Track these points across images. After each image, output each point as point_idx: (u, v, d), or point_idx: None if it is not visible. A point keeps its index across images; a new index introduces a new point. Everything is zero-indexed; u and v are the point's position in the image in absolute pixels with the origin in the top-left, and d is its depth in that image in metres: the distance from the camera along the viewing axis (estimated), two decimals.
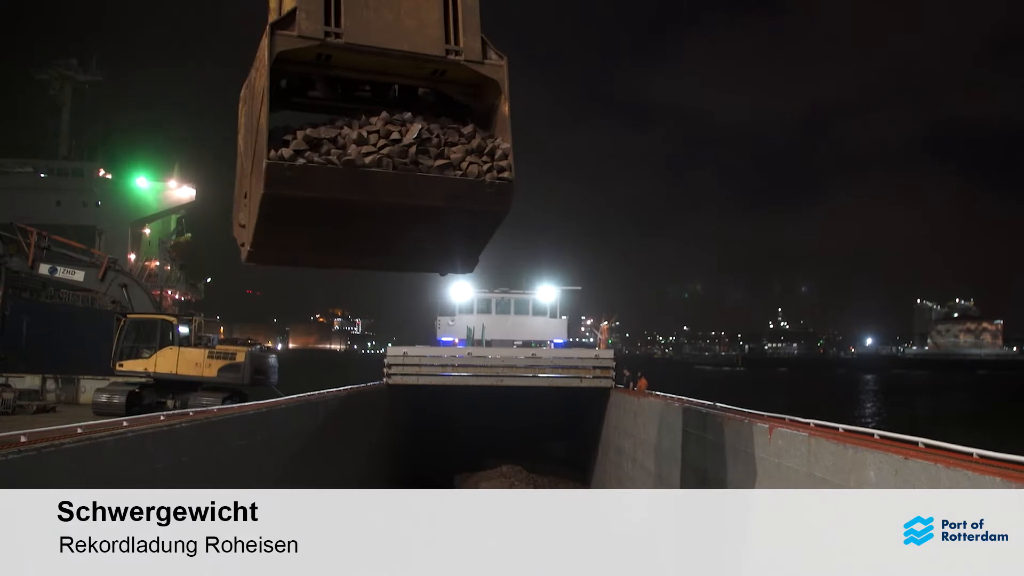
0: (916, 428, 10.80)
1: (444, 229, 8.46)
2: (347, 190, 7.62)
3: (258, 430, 15.82)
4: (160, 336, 25.40)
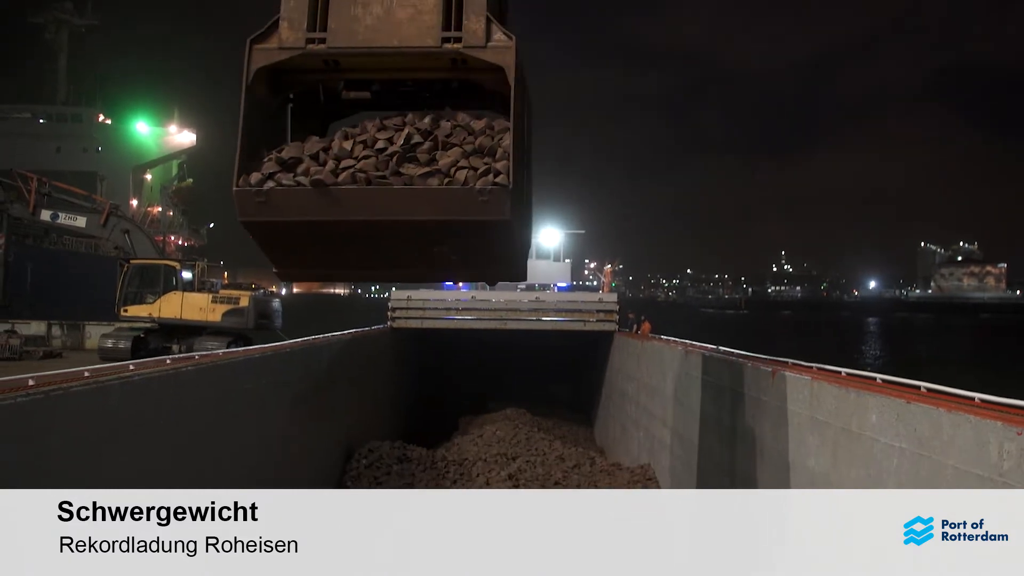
0: (919, 372, 10.83)
1: (453, 241, 7.73)
2: (320, 211, 7.18)
3: (263, 374, 15.92)
4: (164, 281, 25.45)
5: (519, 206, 7.53)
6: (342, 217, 7.17)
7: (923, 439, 8.12)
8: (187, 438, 11.86)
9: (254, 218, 7.24)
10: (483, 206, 7.06)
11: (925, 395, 8.76)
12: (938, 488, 7.74)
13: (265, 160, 7.26)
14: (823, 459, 10.58)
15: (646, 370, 24.92)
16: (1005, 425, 6.86)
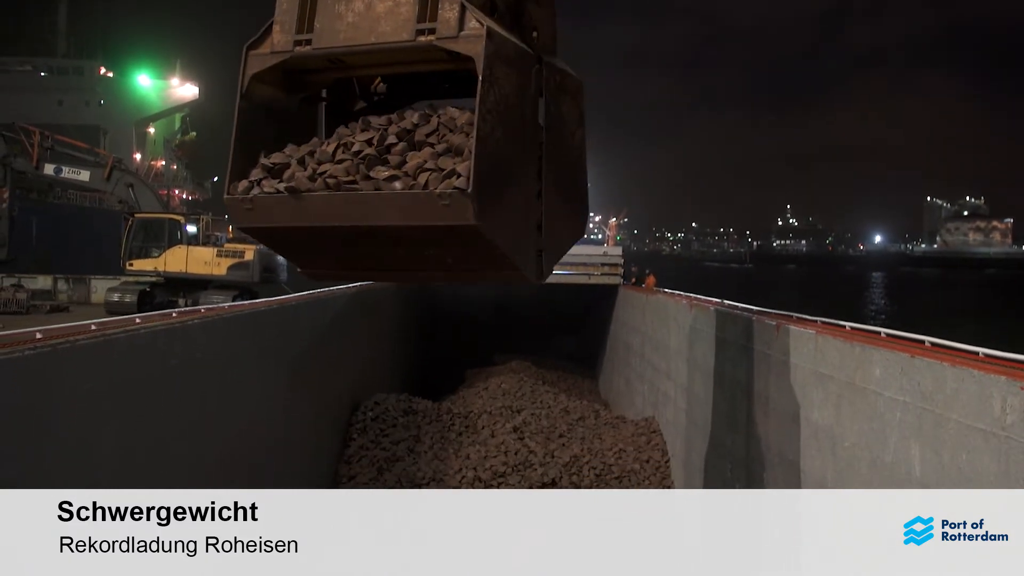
0: (923, 326, 10.82)
1: (433, 246, 7.58)
2: (298, 218, 7.15)
3: (269, 327, 15.98)
4: (168, 235, 25.48)
5: (503, 207, 7.33)
6: (317, 223, 7.17)
7: (926, 393, 8.14)
8: (194, 391, 11.95)
9: (244, 224, 7.38)
10: (445, 210, 6.84)
11: (929, 349, 8.77)
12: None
13: (255, 166, 7.32)
14: (826, 412, 10.63)
15: (651, 324, 24.97)
16: (1009, 380, 6.87)
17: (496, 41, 7.14)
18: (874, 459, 9.16)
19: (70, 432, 8.62)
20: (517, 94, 7.52)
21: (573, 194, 8.78)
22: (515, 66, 7.46)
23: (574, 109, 8.56)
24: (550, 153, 8.13)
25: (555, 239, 8.50)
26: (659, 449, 21.68)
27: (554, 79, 8.14)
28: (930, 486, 7.89)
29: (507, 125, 7.41)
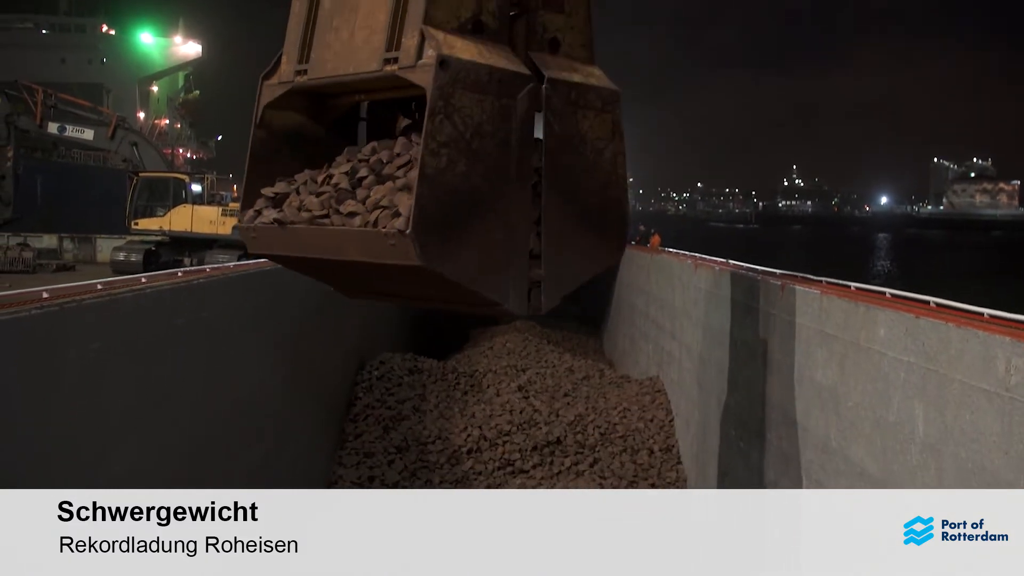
0: (928, 287, 10.81)
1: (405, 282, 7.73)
2: (288, 247, 7.43)
3: (275, 286, 16.02)
4: (173, 194, 25.50)
5: (464, 243, 7.26)
6: (300, 254, 7.44)
7: (931, 353, 8.15)
8: (200, 349, 12.01)
9: (252, 251, 7.67)
10: (392, 250, 6.86)
11: (934, 310, 8.76)
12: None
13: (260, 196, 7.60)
14: (830, 372, 10.66)
15: (655, 283, 24.97)
16: (1014, 341, 6.87)
17: (453, 69, 7.06)
18: (877, 419, 9.20)
19: (77, 391, 8.69)
20: (495, 119, 7.39)
21: (599, 218, 8.29)
22: (490, 91, 7.34)
23: (601, 124, 8.20)
24: (555, 176, 7.85)
25: (564, 268, 8.14)
26: (663, 408, 21.80)
27: (566, 95, 7.84)
28: (933, 446, 7.94)
29: (476, 155, 7.31)
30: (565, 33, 8.09)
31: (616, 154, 8.31)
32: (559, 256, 8.04)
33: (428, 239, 6.97)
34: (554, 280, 8.07)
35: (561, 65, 8.02)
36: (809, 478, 11.15)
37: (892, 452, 8.80)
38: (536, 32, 7.96)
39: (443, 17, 7.28)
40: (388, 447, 19.87)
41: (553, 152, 7.84)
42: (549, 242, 7.90)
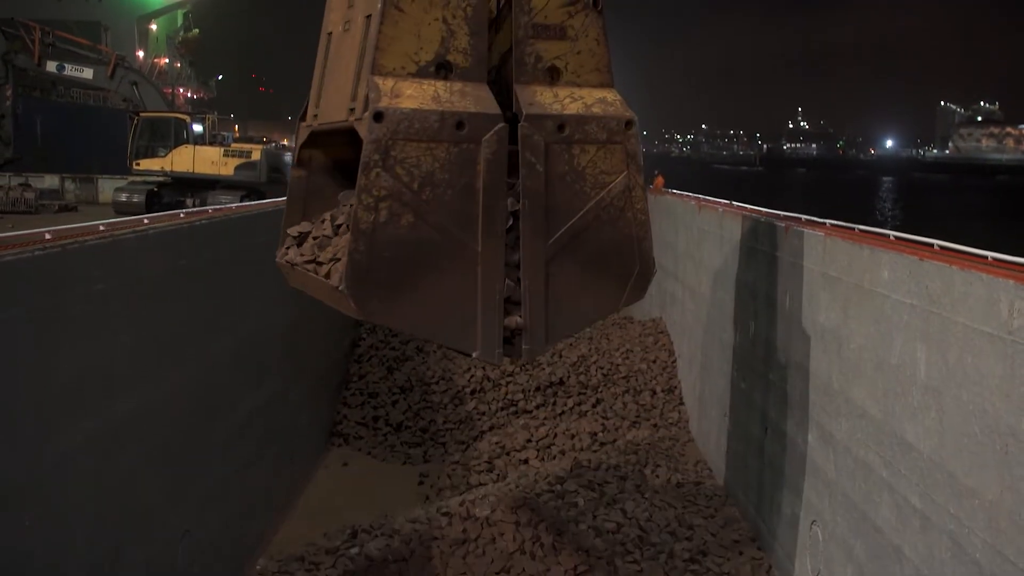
0: (933, 230, 10.77)
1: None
2: (303, 286, 7.97)
3: (279, 226, 15.95)
4: (174, 135, 25.30)
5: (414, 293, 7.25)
6: (310, 293, 8.00)
7: (934, 296, 8.15)
8: (204, 291, 12.04)
9: (290, 286, 8.40)
10: (341, 299, 6.95)
11: (938, 252, 8.74)
12: (946, 343, 7.83)
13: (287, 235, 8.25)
14: (833, 315, 10.68)
15: (658, 225, 24.89)
16: (1017, 284, 6.85)
17: (391, 121, 6.97)
18: (880, 361, 9.25)
19: (83, 332, 8.73)
20: (452, 166, 7.24)
21: (607, 259, 7.89)
22: (444, 137, 7.18)
23: (608, 157, 7.81)
24: (538, 219, 7.56)
25: (555, 315, 7.80)
26: (666, 349, 21.91)
27: (554, 131, 7.52)
28: (934, 388, 7.98)
29: (427, 205, 7.20)
30: (568, 60, 7.75)
31: (631, 187, 7.86)
32: (546, 303, 7.72)
33: (365, 293, 7.04)
34: (539, 328, 7.74)
35: (556, 96, 7.68)
36: (810, 419, 11.25)
37: (893, 394, 8.86)
38: (526, 63, 7.64)
39: (396, 64, 7.23)
40: (392, 387, 20.04)
41: (534, 193, 7.51)
42: (531, 289, 7.62)
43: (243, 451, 13.43)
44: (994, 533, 6.80)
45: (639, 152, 7.92)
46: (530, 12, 7.62)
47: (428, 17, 7.29)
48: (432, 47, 7.31)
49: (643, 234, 7.97)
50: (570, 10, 7.72)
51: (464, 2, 7.35)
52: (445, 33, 7.34)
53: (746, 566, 12.63)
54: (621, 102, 7.89)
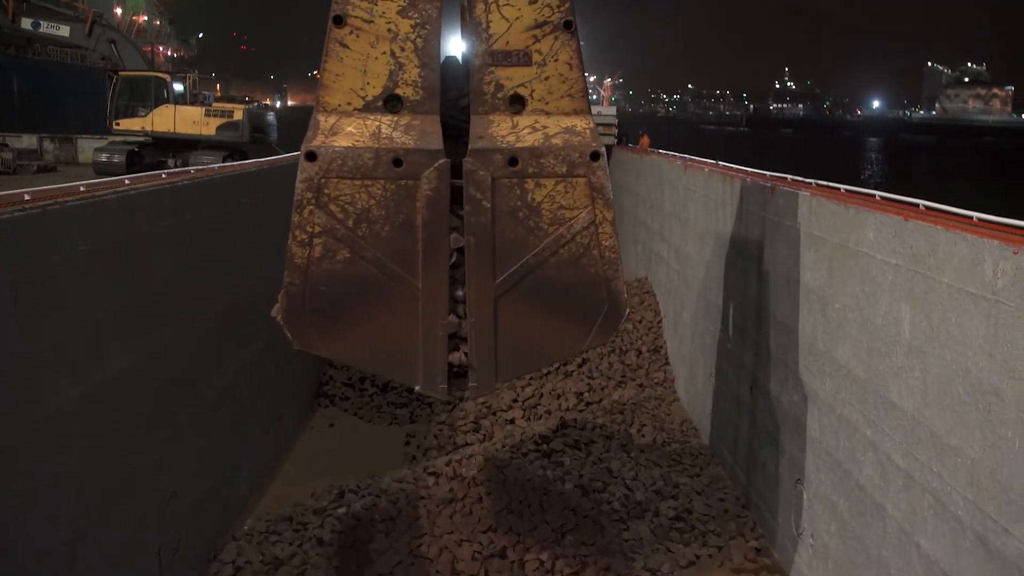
0: (918, 191, 10.76)
1: None
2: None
3: (261, 188, 15.83)
4: (155, 94, 24.90)
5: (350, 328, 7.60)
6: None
7: (919, 256, 8.17)
8: (187, 251, 11.93)
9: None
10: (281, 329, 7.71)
11: (923, 213, 8.74)
12: (932, 301, 7.86)
13: None
14: (819, 274, 10.70)
15: (644, 185, 24.84)
16: (1002, 244, 6.86)
17: (324, 160, 7.19)
18: (864, 321, 9.29)
19: (66, 293, 8.64)
20: (389, 203, 7.31)
21: (568, 298, 7.60)
22: (380, 174, 7.27)
23: (568, 191, 7.47)
24: (484, 256, 7.44)
25: (506, 354, 7.68)
26: (651, 309, 21.96)
27: (503, 165, 7.34)
28: (918, 348, 8.03)
29: (363, 241, 7.33)
30: (535, 87, 7.45)
31: (598, 223, 7.50)
32: (495, 341, 7.63)
33: (301, 326, 7.50)
34: (486, 366, 7.68)
35: (514, 127, 7.44)
36: (795, 379, 11.32)
37: (878, 354, 8.91)
38: (484, 92, 7.47)
39: (341, 100, 7.37)
40: None
41: (480, 229, 7.40)
42: (478, 326, 7.58)
43: (229, 412, 13.41)
44: (976, 491, 6.88)
45: (607, 186, 7.49)
46: (488, 39, 7.40)
47: (375, 52, 7.33)
48: (380, 81, 7.36)
49: (612, 273, 7.58)
50: (536, 33, 7.38)
51: (414, 34, 7.31)
52: (393, 67, 7.36)
53: (731, 524, 12.78)
54: (591, 131, 7.50)
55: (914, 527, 7.97)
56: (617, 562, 11.39)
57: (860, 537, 9.22)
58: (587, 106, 7.58)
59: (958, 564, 7.13)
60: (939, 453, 7.53)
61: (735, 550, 12.12)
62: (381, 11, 7.27)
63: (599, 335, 7.78)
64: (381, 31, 7.29)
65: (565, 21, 7.35)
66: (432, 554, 11.27)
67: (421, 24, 7.30)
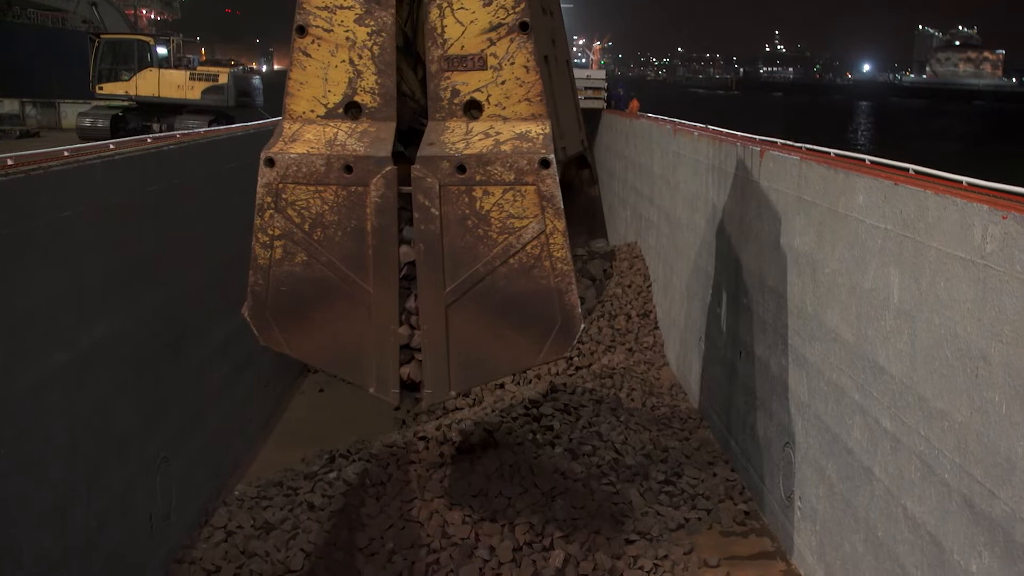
0: (908, 155, 10.72)
1: None
2: None
3: (247, 152, 15.63)
4: (138, 57, 24.62)
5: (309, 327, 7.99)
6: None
7: (908, 221, 8.16)
8: (173, 216, 11.83)
9: None
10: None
11: (913, 177, 8.71)
12: (921, 267, 7.86)
13: None
14: (808, 239, 10.70)
15: (634, 149, 24.73)
16: (991, 209, 6.85)
17: (281, 166, 7.52)
18: (854, 285, 9.30)
19: (50, 259, 8.56)
20: (340, 209, 7.49)
21: (519, 310, 7.43)
22: (331, 180, 7.45)
23: (516, 200, 7.25)
24: (434, 265, 7.42)
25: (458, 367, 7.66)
26: (641, 274, 21.97)
27: (451, 173, 7.25)
28: (907, 312, 8.04)
29: (319, 245, 7.59)
30: (491, 91, 7.33)
31: (548, 233, 7.24)
32: (447, 350, 7.60)
33: (264, 323, 7.89)
34: (438, 375, 7.70)
35: (468, 133, 7.34)
36: (784, 343, 11.36)
37: (867, 318, 8.93)
38: (441, 98, 7.44)
39: (305, 107, 7.64)
40: None
41: (429, 237, 7.37)
42: (428, 334, 7.61)
43: (218, 377, 13.39)
44: (963, 454, 6.94)
45: (556, 195, 7.18)
46: (444, 44, 7.34)
47: (335, 60, 7.51)
48: (340, 89, 7.54)
49: (565, 286, 7.35)
50: (491, 36, 7.24)
51: (371, 42, 7.41)
52: (352, 74, 7.51)
53: (720, 488, 12.88)
54: (544, 138, 7.25)
55: (901, 490, 8.04)
56: (607, 525, 11.48)
57: (848, 500, 9.31)
58: (545, 111, 7.34)
59: (944, 526, 7.21)
60: (927, 417, 7.58)
61: (724, 513, 12.23)
62: (340, 20, 7.42)
63: (552, 350, 7.61)
64: (340, 39, 7.46)
65: (521, 23, 7.19)
66: (423, 518, 11.33)
67: (377, 31, 7.42)
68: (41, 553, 8.05)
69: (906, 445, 7.96)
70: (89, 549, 8.93)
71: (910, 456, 7.87)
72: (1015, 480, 6.19)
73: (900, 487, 8.07)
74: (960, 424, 7.00)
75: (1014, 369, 6.28)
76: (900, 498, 8.06)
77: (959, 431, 7.02)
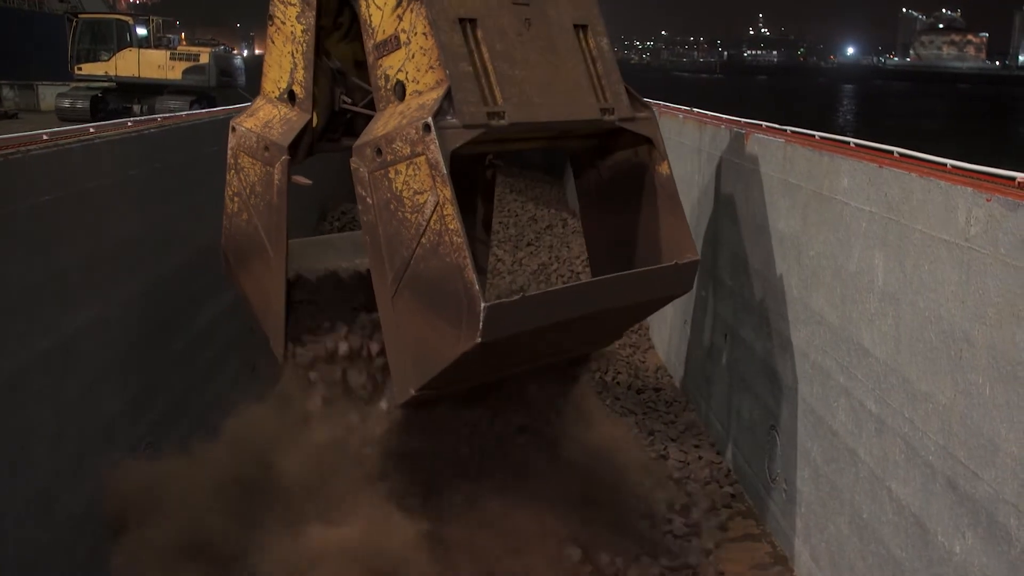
0: (892, 138, 10.75)
1: None
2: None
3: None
4: (117, 38, 24.35)
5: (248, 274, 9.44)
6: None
7: (893, 203, 8.17)
8: (155, 200, 11.73)
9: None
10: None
11: (897, 160, 8.73)
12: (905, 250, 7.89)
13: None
14: (793, 222, 10.72)
15: None
16: (975, 191, 6.87)
17: (238, 135, 8.97)
18: (838, 268, 9.33)
19: (30, 245, 8.46)
20: (263, 183, 8.66)
21: (437, 292, 6.89)
22: (259, 157, 8.64)
23: (415, 174, 6.84)
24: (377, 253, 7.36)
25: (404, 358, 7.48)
26: None
27: (373, 158, 7.15)
28: (892, 295, 8.07)
29: (254, 209, 8.81)
30: (407, 68, 7.15)
31: (440, 204, 6.69)
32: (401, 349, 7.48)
33: (225, 259, 9.56)
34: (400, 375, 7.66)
35: (391, 116, 7.21)
36: (769, 326, 11.40)
37: (851, 301, 8.97)
38: (379, 87, 7.54)
39: (270, 87, 8.75)
40: None
41: (369, 227, 7.46)
42: (385, 333, 7.73)
43: (204, 362, 13.32)
44: (946, 436, 6.98)
45: (440, 160, 6.61)
46: (373, 34, 7.45)
47: (285, 50, 8.40)
48: (286, 77, 8.51)
49: (462, 261, 6.63)
50: (399, 13, 7.10)
51: (303, 38, 8.18)
52: (291, 65, 8.40)
53: (705, 471, 12.94)
54: (435, 101, 6.80)
55: (886, 472, 8.10)
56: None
57: (833, 482, 9.37)
58: (445, 74, 6.92)
59: (928, 508, 7.27)
60: (911, 399, 7.63)
61: (710, 496, 12.30)
62: (289, 15, 8.28)
63: (466, 336, 6.67)
64: (287, 32, 8.35)
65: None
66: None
67: (306, 29, 8.16)
68: (26, 540, 8.01)
69: (890, 427, 8.01)
70: (75, 535, 8.89)
71: (894, 438, 7.92)
72: (998, 462, 6.24)
73: (884, 469, 8.13)
74: (944, 406, 7.05)
75: (997, 351, 6.32)
76: (884, 480, 8.12)
77: (943, 413, 7.06)
